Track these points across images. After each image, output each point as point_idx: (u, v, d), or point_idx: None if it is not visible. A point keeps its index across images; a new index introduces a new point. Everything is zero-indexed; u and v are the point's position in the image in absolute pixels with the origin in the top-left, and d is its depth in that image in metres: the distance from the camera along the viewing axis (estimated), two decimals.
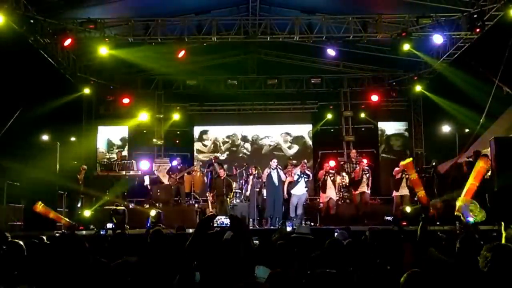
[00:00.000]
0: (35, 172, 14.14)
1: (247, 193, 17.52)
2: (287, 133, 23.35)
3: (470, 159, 14.96)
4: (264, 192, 17.27)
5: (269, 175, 16.56)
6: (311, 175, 17.11)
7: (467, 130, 18.86)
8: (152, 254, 6.23)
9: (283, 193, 16.75)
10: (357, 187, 17.16)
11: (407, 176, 15.78)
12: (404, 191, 16.43)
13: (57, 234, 11.22)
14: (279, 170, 16.66)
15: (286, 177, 16.97)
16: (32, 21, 15.26)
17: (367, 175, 17.17)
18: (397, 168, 16.52)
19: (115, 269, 5.21)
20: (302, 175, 16.64)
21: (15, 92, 15.37)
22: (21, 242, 5.90)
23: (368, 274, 5.23)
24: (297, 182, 16.70)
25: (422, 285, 3.81)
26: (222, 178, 17.15)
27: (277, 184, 16.51)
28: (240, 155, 23.05)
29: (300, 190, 16.64)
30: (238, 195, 17.95)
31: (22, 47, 15.36)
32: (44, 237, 8.19)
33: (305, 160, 17.91)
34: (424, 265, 5.64)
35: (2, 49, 14.13)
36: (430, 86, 20.31)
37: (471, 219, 13.43)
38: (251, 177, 17.45)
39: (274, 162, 16.79)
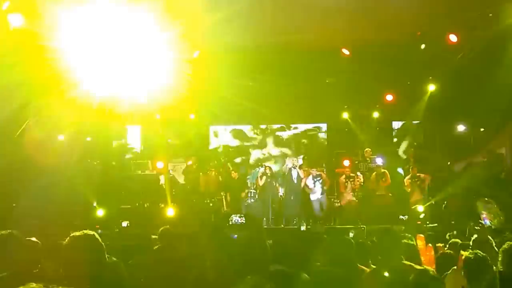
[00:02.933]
0: (50, 172, 14.24)
1: (262, 192, 17.56)
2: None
3: (485, 159, 14.85)
4: (281, 190, 17.32)
5: (289, 174, 16.59)
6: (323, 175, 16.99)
7: (482, 129, 18.73)
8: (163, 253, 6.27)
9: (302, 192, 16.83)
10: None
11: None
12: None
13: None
14: (297, 169, 16.72)
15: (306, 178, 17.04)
16: None
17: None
18: None
19: (127, 269, 5.25)
20: (315, 179, 16.62)
21: (30, 91, 15.40)
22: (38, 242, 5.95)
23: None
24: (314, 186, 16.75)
25: None
26: (235, 178, 17.16)
27: (296, 182, 16.54)
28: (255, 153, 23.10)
29: (315, 195, 16.62)
30: (252, 195, 17.96)
31: (38, 46, 15.39)
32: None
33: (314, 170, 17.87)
34: None
35: (20, 49, 14.19)
36: (445, 84, 20.12)
37: (487, 222, 13.42)
38: (264, 177, 17.48)
39: (290, 161, 16.82)
